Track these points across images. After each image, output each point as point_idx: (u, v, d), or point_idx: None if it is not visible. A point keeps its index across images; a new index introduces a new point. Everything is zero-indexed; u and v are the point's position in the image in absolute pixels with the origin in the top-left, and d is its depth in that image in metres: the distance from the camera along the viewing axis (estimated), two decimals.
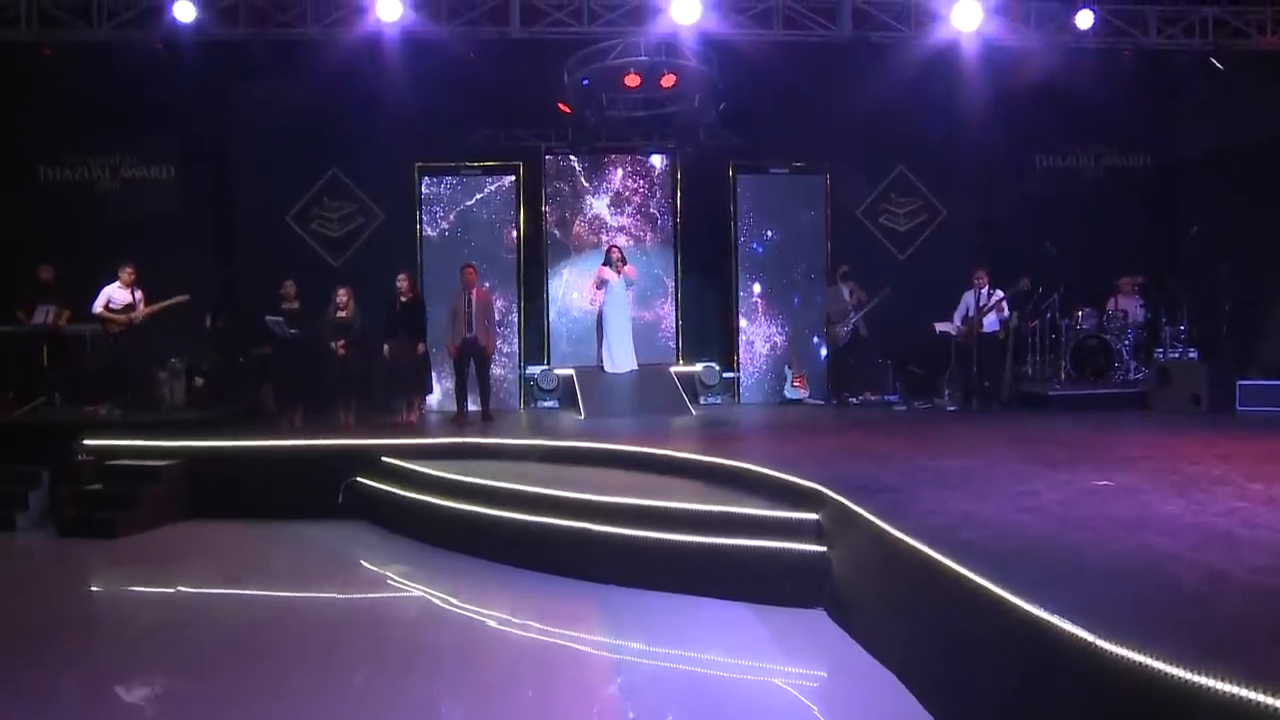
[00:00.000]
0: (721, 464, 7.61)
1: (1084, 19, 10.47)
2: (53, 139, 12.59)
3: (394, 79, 11.15)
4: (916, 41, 10.59)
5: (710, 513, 6.71)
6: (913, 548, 4.83)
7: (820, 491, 6.34)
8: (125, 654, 6.17)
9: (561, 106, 11.74)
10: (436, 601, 7.14)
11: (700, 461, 7.85)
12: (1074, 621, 3.49)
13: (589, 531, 7.04)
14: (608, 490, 7.33)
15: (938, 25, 10.42)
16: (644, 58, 10.70)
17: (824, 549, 6.21)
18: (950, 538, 4.83)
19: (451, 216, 12.76)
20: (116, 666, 5.92)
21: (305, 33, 10.23)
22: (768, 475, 7.04)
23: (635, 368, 12.66)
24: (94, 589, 7.93)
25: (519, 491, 7.66)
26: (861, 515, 5.61)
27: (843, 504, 5.94)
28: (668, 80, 10.82)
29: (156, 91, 11.69)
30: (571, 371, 12.64)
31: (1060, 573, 4.27)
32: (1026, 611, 3.75)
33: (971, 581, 4.19)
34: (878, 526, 5.32)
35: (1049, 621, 3.60)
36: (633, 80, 10.80)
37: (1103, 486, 6.22)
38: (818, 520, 6.32)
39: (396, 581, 7.67)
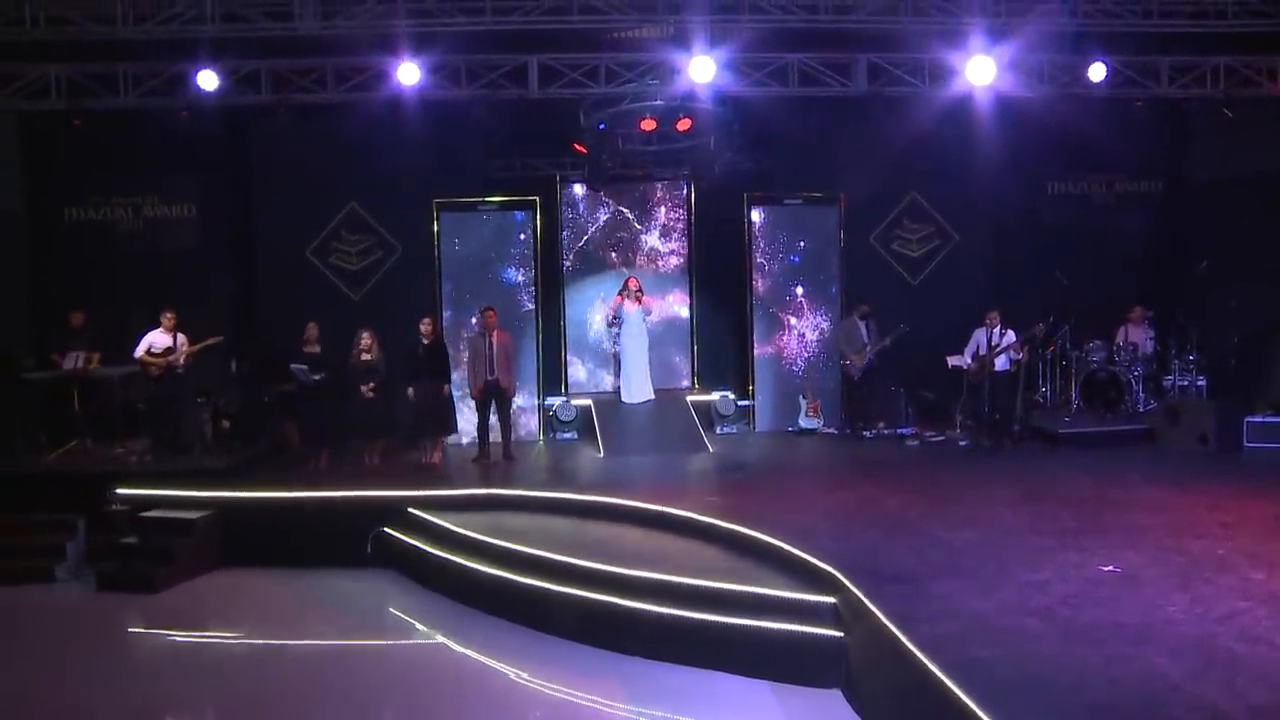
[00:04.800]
0: (741, 533, 7.84)
1: (1097, 72, 10.55)
2: (76, 180, 12.77)
3: (410, 117, 11.29)
4: (931, 95, 10.70)
5: (732, 592, 6.93)
6: (922, 664, 5.06)
7: (836, 576, 6.57)
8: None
9: (577, 147, 11.88)
10: (464, 657, 7.55)
11: (720, 528, 8.08)
12: None
13: (614, 605, 7.26)
14: (632, 561, 7.54)
15: (952, 80, 10.51)
16: (659, 102, 10.85)
17: (840, 634, 6.43)
18: (958, 654, 5.06)
19: (470, 249, 12.92)
20: None
21: (326, 97, 10.43)
22: (786, 550, 7.26)
23: (652, 397, 12.90)
24: (142, 650, 8.35)
25: (545, 559, 7.88)
26: (875, 614, 5.84)
27: (857, 596, 6.17)
28: (683, 124, 10.95)
29: (177, 133, 11.85)
30: (590, 403, 12.85)
31: (1064, 710, 4.51)
32: None
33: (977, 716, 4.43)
34: (890, 631, 5.56)
35: None
36: (648, 125, 10.93)
37: (1110, 573, 6.43)
38: (835, 604, 6.54)
39: (425, 637, 8.10)
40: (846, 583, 6.41)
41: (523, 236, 12.94)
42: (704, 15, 9.76)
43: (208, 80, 10.15)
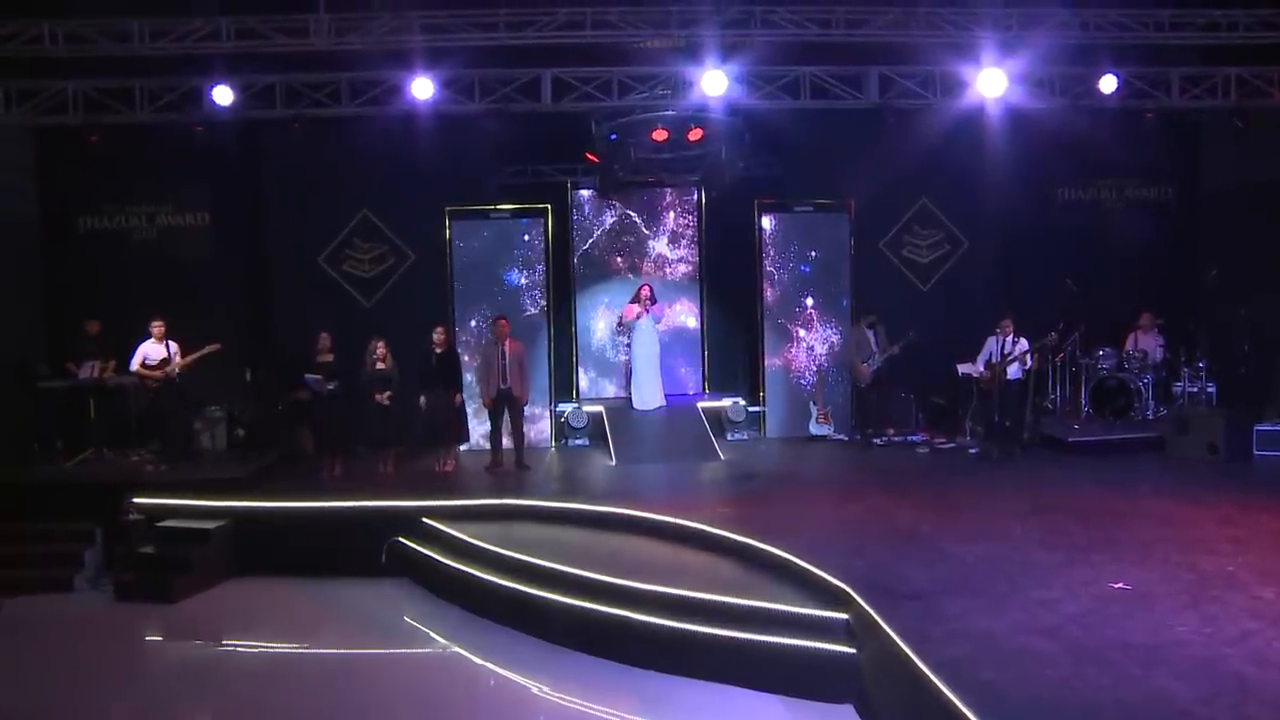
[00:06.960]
0: (754, 546, 7.91)
1: (1107, 84, 10.57)
2: (90, 188, 12.85)
3: (422, 126, 11.35)
4: (942, 107, 10.75)
5: (745, 607, 7.00)
6: (935, 686, 5.13)
7: (848, 592, 6.64)
8: None
9: (589, 156, 11.94)
10: (478, 667, 7.68)
11: (733, 541, 8.15)
12: None
13: (627, 618, 7.33)
14: (645, 574, 7.60)
15: (963, 92, 10.56)
16: (671, 113, 10.90)
17: (853, 650, 6.50)
18: (970, 676, 5.12)
19: (480, 256, 12.99)
20: None
21: (340, 111, 10.52)
22: (798, 565, 7.33)
23: (663, 404, 12.97)
24: (161, 660, 8.48)
25: (558, 572, 7.96)
26: (887, 632, 5.91)
27: (869, 613, 6.24)
28: (695, 134, 11.01)
29: (191, 143, 11.90)
30: (601, 409, 12.92)
31: None
32: None
33: None
34: (903, 651, 5.62)
35: None
36: (660, 135, 10.99)
37: (1119, 590, 6.48)
38: (847, 620, 6.61)
39: (440, 646, 8.23)
40: (858, 599, 6.47)
41: (527, 238, 13.00)
42: (716, 29, 9.81)
43: (223, 95, 10.28)
